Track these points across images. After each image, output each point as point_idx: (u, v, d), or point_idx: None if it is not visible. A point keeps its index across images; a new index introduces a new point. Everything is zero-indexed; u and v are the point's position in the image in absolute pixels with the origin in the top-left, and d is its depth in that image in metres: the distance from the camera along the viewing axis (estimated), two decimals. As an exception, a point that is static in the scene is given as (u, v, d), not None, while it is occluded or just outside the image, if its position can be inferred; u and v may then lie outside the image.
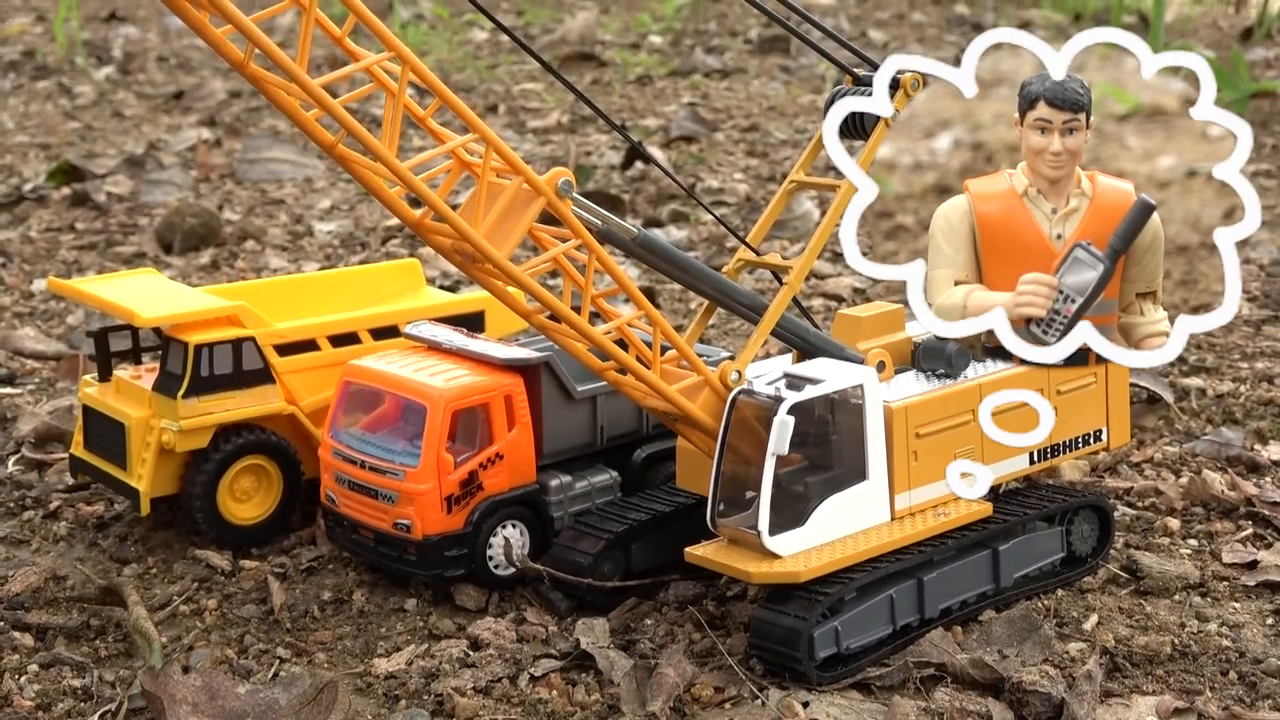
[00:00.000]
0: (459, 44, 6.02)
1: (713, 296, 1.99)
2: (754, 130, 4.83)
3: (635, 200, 3.93)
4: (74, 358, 2.88)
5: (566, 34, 6.42)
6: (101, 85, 5.63)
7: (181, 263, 3.52)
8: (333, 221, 3.82)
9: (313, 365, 2.22)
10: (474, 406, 2.03)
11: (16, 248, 3.68)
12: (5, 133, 4.95)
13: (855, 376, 1.92)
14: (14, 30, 7.11)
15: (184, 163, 4.44)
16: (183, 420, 2.10)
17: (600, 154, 4.48)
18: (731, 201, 4.01)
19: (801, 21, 2.15)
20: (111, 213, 3.94)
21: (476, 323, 2.35)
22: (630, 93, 5.36)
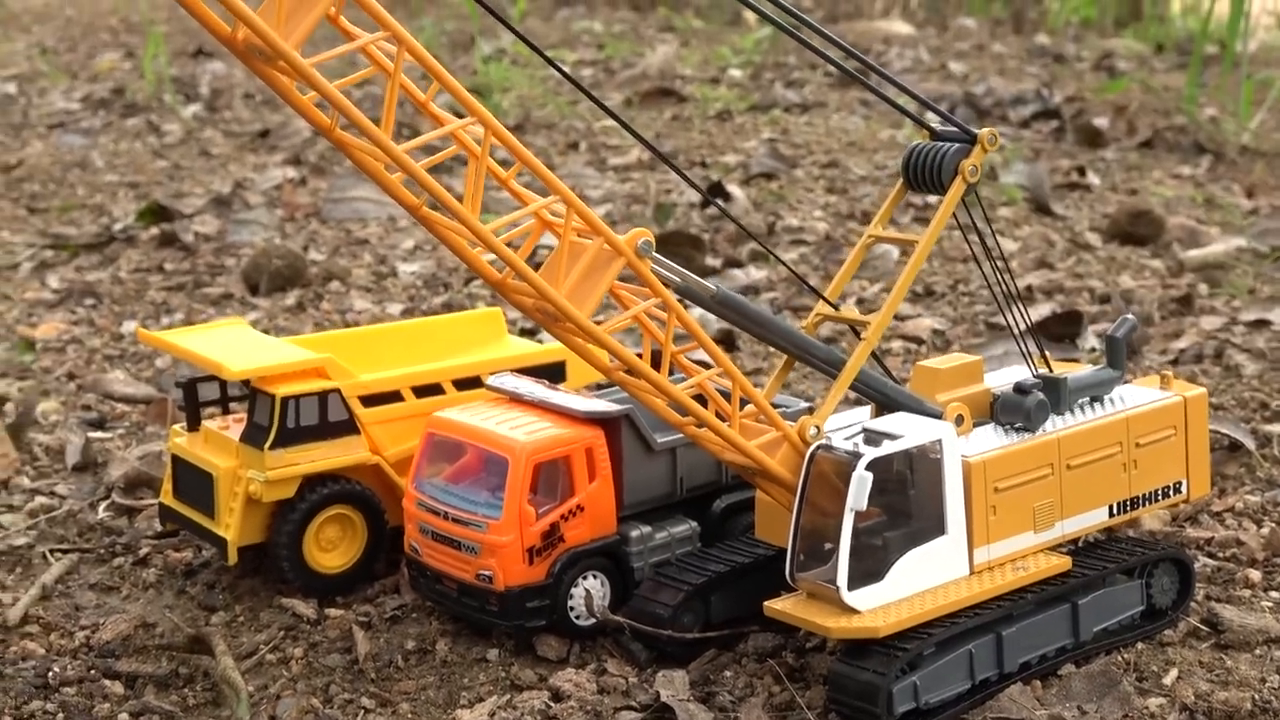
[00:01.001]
0: (540, 80, 6.06)
1: (790, 351, 2.00)
2: (833, 166, 4.84)
3: (715, 240, 3.95)
4: (163, 402, 2.92)
5: (647, 69, 6.45)
6: (189, 123, 5.71)
7: (268, 304, 3.58)
8: (416, 262, 3.86)
9: (397, 416, 2.26)
10: (555, 459, 2.05)
11: (106, 288, 3.75)
12: (96, 171, 5.03)
13: (933, 431, 1.93)
14: (104, 67, 7.22)
15: (270, 202, 4.50)
16: (270, 471, 2.14)
17: (680, 192, 4.51)
18: (811, 240, 4.02)
19: (872, 67, 2.14)
20: (199, 253, 4.00)
21: (557, 373, 2.38)
22: (710, 128, 5.38)
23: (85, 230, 4.31)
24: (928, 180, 2.04)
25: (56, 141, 5.52)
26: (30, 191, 4.83)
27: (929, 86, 6.18)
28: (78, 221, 4.43)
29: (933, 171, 2.03)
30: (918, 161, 2.05)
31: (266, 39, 1.56)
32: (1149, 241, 4.02)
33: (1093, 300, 3.53)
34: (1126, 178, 4.80)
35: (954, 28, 8.37)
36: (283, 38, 1.57)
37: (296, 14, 1.59)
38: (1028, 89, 6.06)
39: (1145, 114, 5.57)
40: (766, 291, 3.59)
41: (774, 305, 3.51)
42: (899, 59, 6.99)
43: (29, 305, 3.68)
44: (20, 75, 7.12)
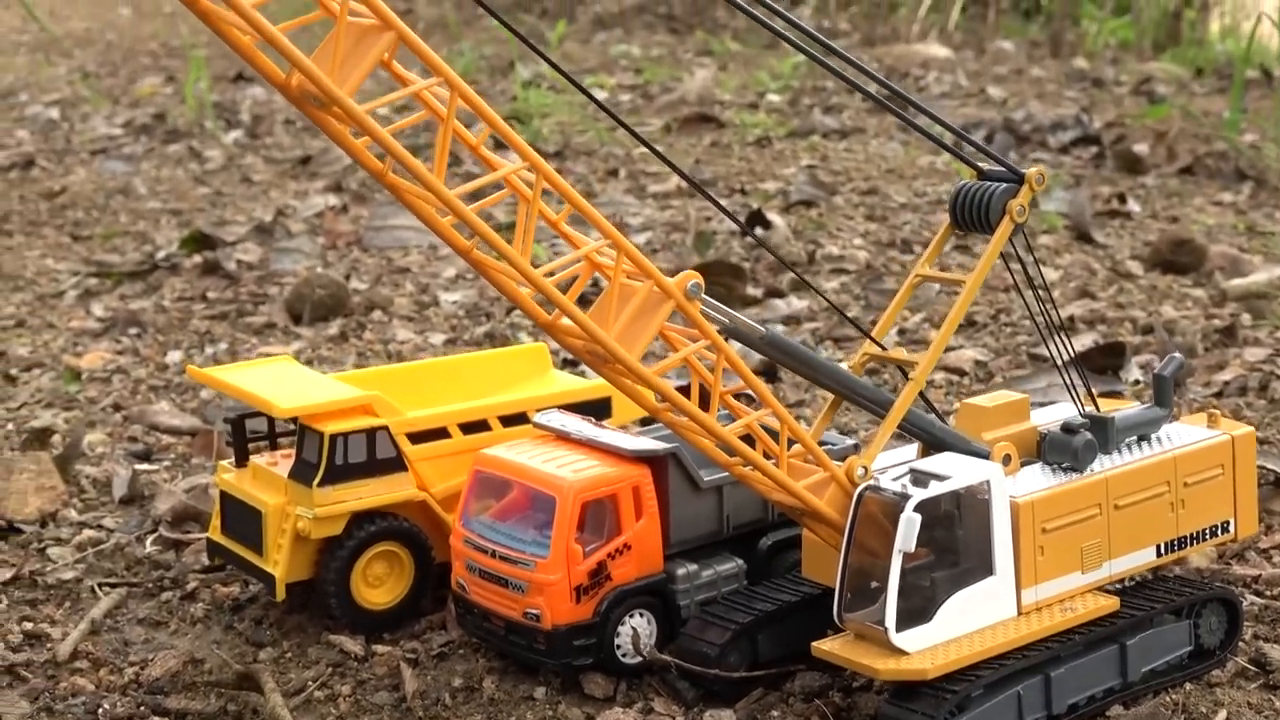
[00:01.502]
0: (579, 106, 6.08)
1: (838, 391, 2.01)
2: (873, 193, 4.84)
3: (756, 269, 3.95)
4: (208, 434, 2.94)
5: (685, 94, 6.47)
6: (230, 149, 5.74)
7: (311, 334, 3.59)
8: (458, 291, 3.87)
9: (444, 453, 2.27)
10: (603, 498, 2.06)
11: (150, 317, 3.77)
12: (138, 198, 5.07)
13: (981, 472, 1.93)
14: (145, 91, 7.27)
15: (312, 229, 4.53)
16: (318, 508, 2.15)
17: (720, 219, 4.51)
18: (852, 269, 4.02)
19: (909, 100, 2.14)
20: (242, 281, 4.02)
21: (602, 409, 2.38)
22: (749, 155, 5.39)
23: (129, 258, 4.34)
24: (975, 220, 2.04)
25: (99, 168, 5.56)
26: (74, 218, 4.86)
27: (968, 112, 6.18)
28: (121, 249, 4.46)
29: (980, 211, 2.03)
30: (965, 201, 2.05)
31: (321, 86, 1.58)
32: (1191, 270, 4.01)
33: (1135, 331, 3.52)
34: (1167, 204, 4.78)
35: (991, 50, 8.37)
36: (337, 84, 1.58)
37: (351, 59, 1.61)
38: (1067, 114, 6.05)
39: (1185, 140, 5.55)
40: (808, 321, 3.59)
41: (816, 335, 3.51)
42: (937, 83, 6.98)
43: (74, 334, 3.70)
44: (63, 100, 7.17)
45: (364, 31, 1.62)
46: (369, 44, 1.61)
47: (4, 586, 2.40)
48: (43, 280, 4.19)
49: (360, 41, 1.62)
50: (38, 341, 3.67)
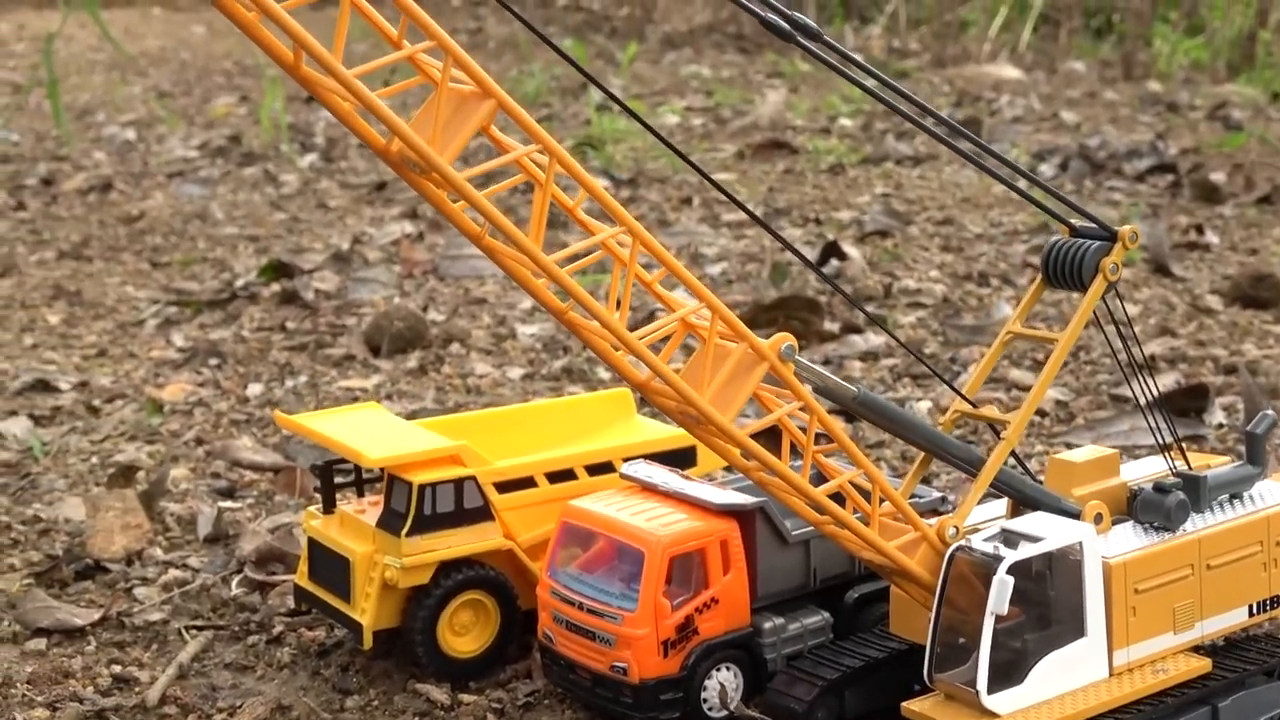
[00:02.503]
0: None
1: (929, 450, 2.00)
2: (948, 223, 4.83)
3: (832, 303, 3.94)
4: (291, 471, 2.96)
5: (758, 120, 6.47)
6: (305, 173, 5.78)
7: (389, 366, 3.61)
8: (534, 324, 3.88)
9: (530, 502, 2.27)
10: (691, 552, 2.06)
11: (230, 348, 3.80)
12: (215, 223, 5.11)
13: (1074, 533, 1.91)
14: (219, 112, 7.34)
15: (388, 258, 4.55)
16: (406, 558, 2.16)
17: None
18: (929, 303, 4.01)
19: (985, 147, 2.13)
20: (320, 311, 4.05)
21: (687, 458, 2.38)
22: (823, 182, 5.39)
23: (207, 285, 4.38)
24: (1068, 277, 2.02)
25: (176, 191, 5.61)
26: (152, 244, 4.91)
27: (1042, 138, 6.15)
28: (199, 276, 4.49)
29: (1073, 269, 2.02)
30: (1058, 258, 2.04)
31: (422, 154, 1.59)
32: (1272, 305, 3.97)
33: (1217, 370, 3.49)
34: (1246, 235, 4.75)
35: (1062, 71, 8.33)
36: (438, 151, 1.59)
37: (451, 126, 1.61)
38: (1142, 141, 6.01)
39: (1263, 168, 5.51)
40: (886, 358, 3.58)
41: (893, 372, 3.50)
42: (1010, 107, 6.96)
43: (155, 364, 3.74)
44: (138, 121, 7.25)
45: (464, 98, 1.63)
46: (469, 111, 1.62)
47: (92, 628, 2.42)
48: (123, 308, 4.23)
49: (460, 108, 1.63)
50: (119, 371, 3.71)
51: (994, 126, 6.36)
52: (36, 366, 3.74)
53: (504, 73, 8.11)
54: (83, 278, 4.54)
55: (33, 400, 3.53)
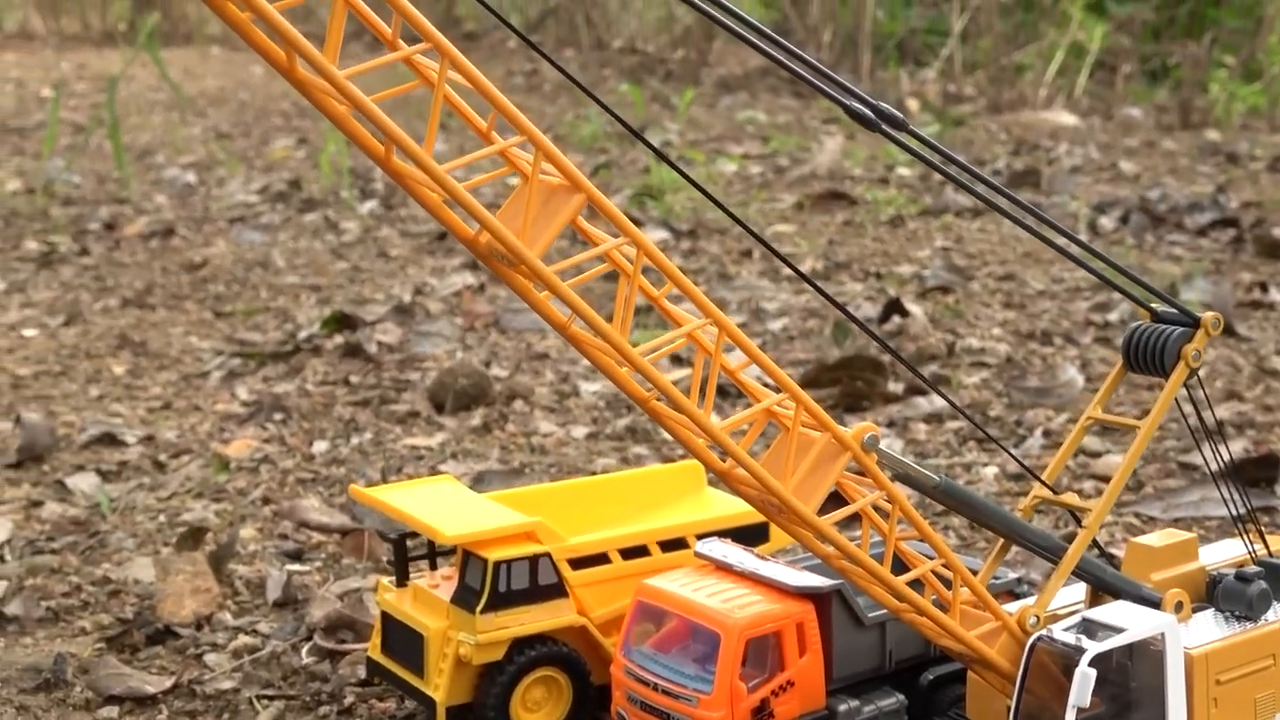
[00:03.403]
0: (712, 179, 6.10)
1: (1010, 537, 1.99)
2: (1010, 279, 4.81)
3: (894, 362, 3.93)
4: (359, 534, 2.96)
5: (816, 168, 6.47)
6: (365, 220, 5.81)
7: (454, 424, 3.62)
8: (597, 381, 3.88)
9: (604, 578, 2.27)
10: (767, 634, 2.05)
11: (294, 402, 3.81)
12: (277, 272, 5.14)
13: (1156, 623, 1.90)
14: (278, 155, 7.38)
15: (449, 309, 4.57)
16: (480, 634, 2.16)
17: (856, 305, 4.50)
18: (992, 363, 3.99)
19: (1044, 218, 2.11)
20: (383, 365, 4.06)
21: (760, 534, 2.38)
22: (882, 234, 5.38)
23: (270, 336, 4.40)
24: (1149, 363, 2.02)
25: (237, 238, 5.64)
26: (215, 292, 4.94)
27: (1102, 189, 6.13)
28: (262, 326, 4.52)
29: (1155, 355, 2.01)
30: (1139, 344, 2.03)
31: (510, 247, 1.59)
32: (1339, 368, 3.95)
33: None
34: (1310, 295, 4.72)
35: (1119, 117, 8.31)
36: (527, 245, 1.60)
37: (540, 220, 1.62)
38: (1202, 193, 5.99)
39: (1327, 223, 5.48)
40: (951, 420, 3.57)
41: (959, 435, 3.48)
42: (1068, 156, 6.94)
43: (220, 418, 3.75)
44: (198, 163, 7.30)
45: (552, 190, 1.64)
46: (558, 204, 1.63)
47: (164, 696, 2.42)
48: (187, 359, 4.26)
49: (549, 201, 1.63)
50: (185, 425, 3.72)
51: (1053, 176, 6.34)
52: (103, 419, 3.76)
53: (559, 116, 8.14)
54: (147, 327, 4.57)
55: (99, 454, 3.56)
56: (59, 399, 3.97)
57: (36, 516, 3.21)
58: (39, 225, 6.04)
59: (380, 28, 1.58)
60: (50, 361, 4.29)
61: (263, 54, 1.54)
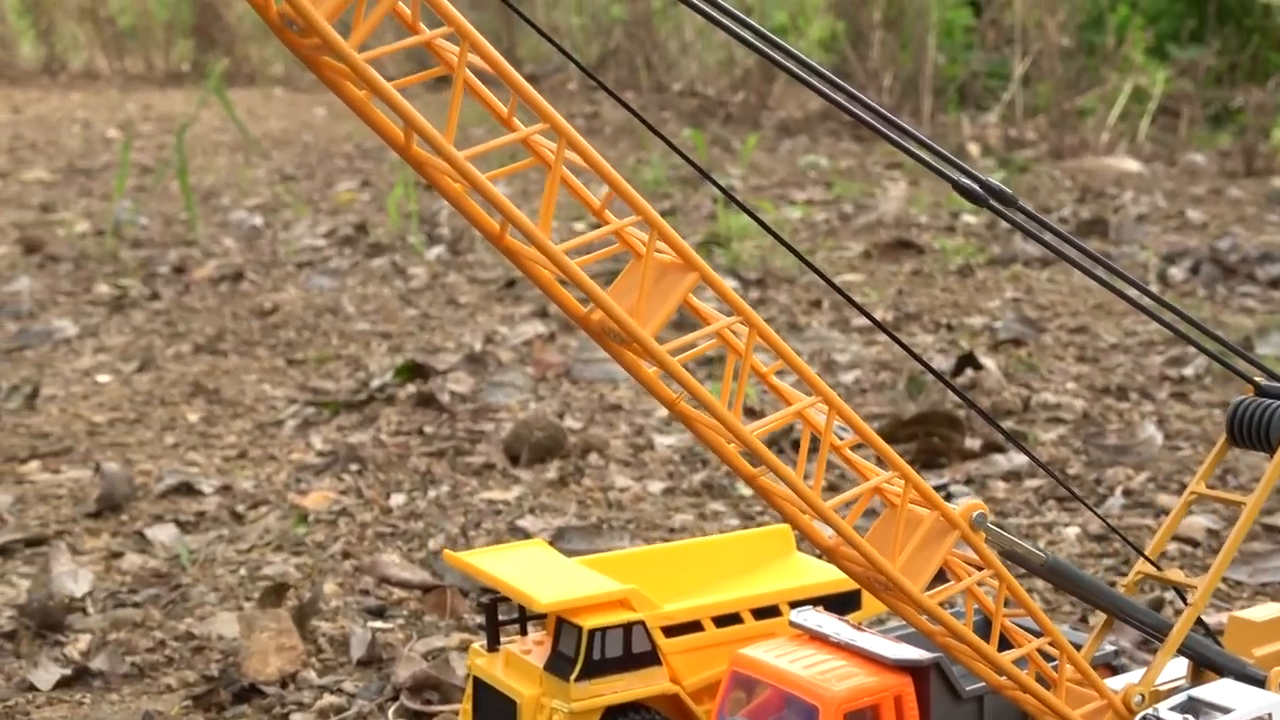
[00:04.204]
0: (779, 226, 6.09)
1: (1112, 612, 1.98)
2: (1082, 331, 4.79)
3: (972, 418, 3.91)
4: (441, 591, 2.96)
5: (882, 216, 6.46)
6: (433, 266, 5.83)
7: (530, 477, 3.62)
8: (671, 435, 3.88)
9: (696, 646, 2.26)
10: (864, 708, 2.03)
11: (369, 452, 3.82)
12: (347, 318, 5.16)
13: (1263, 703, 1.88)
14: (343, 199, 7.42)
15: (520, 358, 4.57)
16: (574, 703, 2.15)
17: (929, 358, 4.48)
18: (1069, 419, 3.97)
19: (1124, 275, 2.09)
20: (457, 415, 4.07)
21: (852, 602, 2.36)
22: (952, 285, 5.36)
23: (343, 385, 4.41)
24: (1254, 438, 2.00)
25: (306, 283, 5.67)
26: (286, 338, 4.96)
27: (1170, 239, 6.10)
28: (334, 374, 4.53)
29: (1260, 430, 1.99)
30: (1244, 419, 2.01)
31: (626, 328, 1.59)
32: None
33: (1372, 499, 3.43)
34: (1387, 349, 4.67)
35: (1182, 163, 8.27)
36: (641, 324, 1.60)
37: (654, 298, 1.62)
38: (1272, 243, 5.95)
39: (1401, 276, 5.43)
40: (1029, 478, 3.54)
41: (1038, 494, 3.46)
42: (1134, 204, 6.91)
43: (295, 468, 3.76)
44: (264, 205, 7.35)
45: (665, 268, 1.64)
46: (671, 282, 1.63)
47: (253, 756, 2.43)
48: (261, 407, 4.27)
49: (661, 278, 1.63)
50: (261, 475, 3.74)
51: (1120, 225, 6.31)
52: (179, 468, 3.78)
53: (621, 159, 8.16)
54: (220, 374, 4.59)
55: (177, 504, 3.57)
56: (135, 447, 3.99)
57: (117, 568, 3.23)
58: (109, 268, 6.09)
59: (497, 108, 1.58)
60: (125, 408, 4.32)
61: (380, 132, 1.54)
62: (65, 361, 4.82)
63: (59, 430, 4.14)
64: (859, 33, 10.03)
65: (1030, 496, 3.45)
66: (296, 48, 1.50)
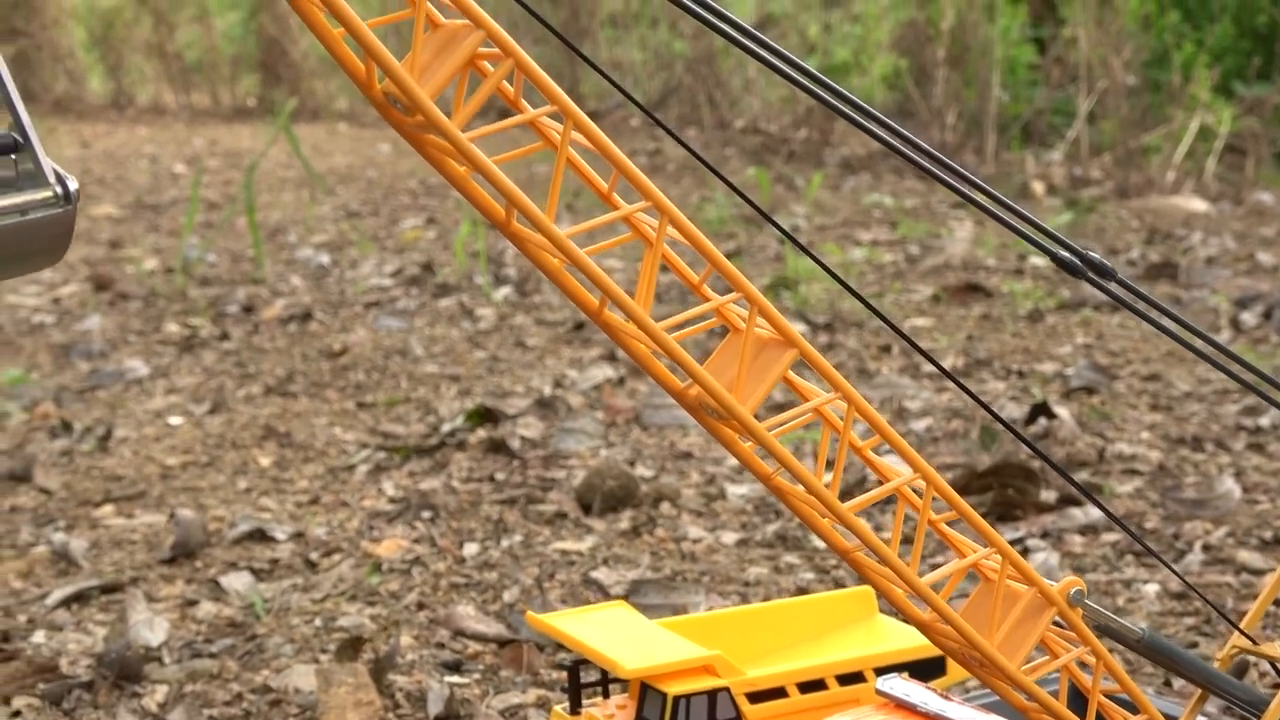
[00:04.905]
0: (845, 269, 6.08)
1: (1207, 687, 1.95)
2: (1155, 379, 4.75)
3: (1045, 469, 3.88)
4: (517, 646, 2.96)
5: (950, 258, 6.43)
6: (501, 307, 5.84)
7: (602, 527, 3.61)
8: (743, 485, 3.87)
9: (781, 712, 2.24)
10: (954, 780, 2.02)
11: (441, 499, 3.82)
12: (416, 360, 5.17)
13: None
14: (409, 237, 7.45)
15: (590, 403, 4.57)
16: (659, 770, 2.14)
17: (1000, 405, 4.45)
18: (1144, 470, 3.93)
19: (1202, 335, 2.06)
20: (528, 462, 4.06)
21: (937, 667, 2.34)
22: (1022, 330, 5.33)
23: (413, 429, 4.42)
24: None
25: (374, 323, 5.69)
26: (355, 380, 4.97)
27: (1241, 282, 6.05)
28: (405, 418, 4.54)
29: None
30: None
31: (724, 404, 1.58)
32: None
33: None
34: None
35: (1249, 202, 8.21)
36: (740, 401, 1.59)
37: (753, 375, 1.61)
38: (1347, 286, 5.89)
39: None
40: (1106, 533, 3.51)
41: (1116, 549, 3.43)
42: (1203, 246, 6.86)
43: (368, 515, 3.77)
44: (330, 243, 7.38)
45: (764, 344, 1.63)
46: (769, 359, 1.62)
47: (333, 815, 2.42)
48: (332, 451, 4.28)
49: (760, 355, 1.63)
50: (334, 521, 3.74)
51: (1189, 268, 6.27)
52: (252, 514, 3.79)
53: (684, 197, 8.16)
54: (290, 417, 4.61)
55: (251, 550, 3.58)
56: (207, 491, 4.01)
57: (192, 616, 3.24)
58: (178, 306, 6.13)
59: (598, 184, 1.58)
60: (197, 451, 4.33)
61: (480, 208, 1.55)
62: (137, 402, 4.84)
63: (132, 473, 4.16)
64: (923, 70, 10.02)
65: (1108, 551, 3.42)
66: (400, 125, 1.50)
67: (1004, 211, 1.78)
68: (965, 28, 9.91)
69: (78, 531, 3.74)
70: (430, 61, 1.48)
